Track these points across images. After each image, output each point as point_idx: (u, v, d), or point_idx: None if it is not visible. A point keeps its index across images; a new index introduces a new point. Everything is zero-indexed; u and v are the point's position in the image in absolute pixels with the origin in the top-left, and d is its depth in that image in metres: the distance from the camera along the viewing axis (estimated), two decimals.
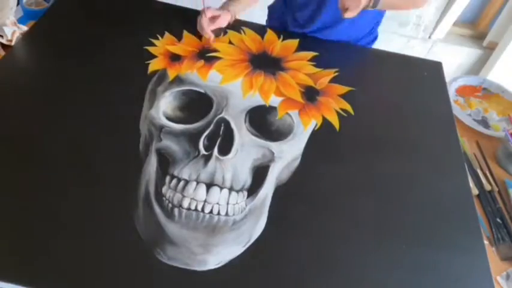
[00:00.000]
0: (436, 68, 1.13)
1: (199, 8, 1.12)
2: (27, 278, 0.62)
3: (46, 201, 0.71)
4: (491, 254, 0.79)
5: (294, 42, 1.09)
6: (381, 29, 1.17)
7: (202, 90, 0.92)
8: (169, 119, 0.86)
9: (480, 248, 0.76)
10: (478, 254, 0.75)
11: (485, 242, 0.80)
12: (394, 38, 2.01)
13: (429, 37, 1.97)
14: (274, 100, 0.93)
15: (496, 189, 0.91)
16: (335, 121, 0.93)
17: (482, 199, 0.89)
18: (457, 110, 1.05)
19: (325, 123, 0.92)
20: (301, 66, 1.03)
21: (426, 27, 1.95)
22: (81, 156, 0.78)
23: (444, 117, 0.99)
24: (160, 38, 1.04)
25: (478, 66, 2.08)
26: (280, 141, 0.86)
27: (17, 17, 1.06)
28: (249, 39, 1.07)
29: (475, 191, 0.90)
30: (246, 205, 0.76)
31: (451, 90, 1.11)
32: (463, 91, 1.14)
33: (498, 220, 0.85)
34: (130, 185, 0.74)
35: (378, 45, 1.17)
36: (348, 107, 0.96)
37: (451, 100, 1.06)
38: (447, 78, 1.10)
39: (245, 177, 0.79)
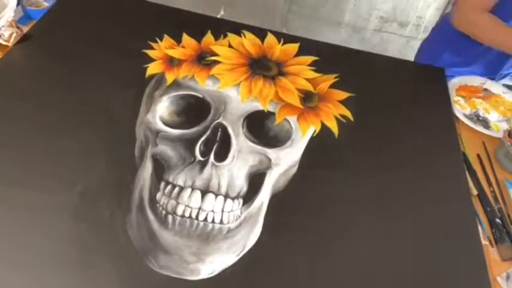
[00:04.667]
0: (438, 74, 1.11)
1: (198, 10, 1.11)
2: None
3: (39, 202, 0.70)
4: (492, 254, 0.79)
5: (294, 47, 1.07)
6: (381, 30, 1.15)
7: (200, 95, 0.91)
8: (166, 123, 0.85)
9: (478, 250, 0.76)
10: (476, 256, 0.75)
11: (485, 242, 0.80)
12: (393, 38, 2.00)
13: None
14: (273, 105, 0.92)
15: (496, 189, 0.91)
16: (334, 127, 0.91)
17: (482, 199, 0.89)
18: (457, 111, 1.04)
19: (324, 129, 0.91)
20: (301, 71, 1.02)
21: (426, 28, 1.93)
22: (76, 160, 0.77)
23: (445, 124, 0.98)
24: (159, 41, 1.03)
25: None
26: (278, 147, 0.85)
27: (18, 17, 1.05)
28: (249, 43, 1.06)
29: (474, 191, 0.89)
30: (241, 213, 0.75)
31: (452, 90, 1.10)
32: (464, 91, 1.12)
33: (498, 220, 0.85)
34: (124, 191, 0.74)
35: (377, 46, 1.16)
36: (348, 113, 0.95)
37: (452, 100, 1.05)
38: None
39: (241, 184, 0.78)
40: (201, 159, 0.79)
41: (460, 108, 1.07)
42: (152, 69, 0.96)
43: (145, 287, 0.64)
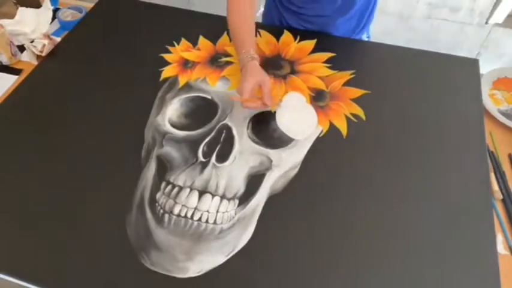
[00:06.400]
0: (471, 66, 1.02)
1: (217, 12, 1.13)
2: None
3: (47, 194, 0.78)
4: None
5: (311, 43, 1.05)
6: (429, 17, 1.05)
7: (209, 97, 0.93)
8: (173, 125, 0.89)
9: (493, 260, 0.70)
10: (490, 267, 0.69)
11: (507, 252, 0.74)
12: (445, 25, 1.83)
13: (486, 22, 1.76)
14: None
15: None
16: (343, 128, 0.88)
17: (508, 205, 0.81)
18: (490, 105, 0.94)
19: (332, 129, 0.88)
20: (315, 69, 1.00)
21: (482, 12, 1.74)
22: (86, 159, 0.83)
23: (472, 125, 0.89)
24: (176, 44, 1.07)
25: None
26: (280, 148, 0.85)
27: (55, 29, 1.16)
28: (264, 42, 1.06)
29: (499, 195, 0.82)
30: (236, 214, 0.76)
31: (488, 82, 0.99)
32: (503, 84, 1.00)
33: None
34: (127, 190, 0.78)
35: (426, 35, 1.07)
36: (360, 112, 0.91)
37: (486, 93, 0.96)
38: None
39: (239, 185, 0.79)
40: (203, 160, 0.82)
41: (494, 103, 0.97)
42: (167, 72, 1.00)
43: (134, 282, 0.67)
